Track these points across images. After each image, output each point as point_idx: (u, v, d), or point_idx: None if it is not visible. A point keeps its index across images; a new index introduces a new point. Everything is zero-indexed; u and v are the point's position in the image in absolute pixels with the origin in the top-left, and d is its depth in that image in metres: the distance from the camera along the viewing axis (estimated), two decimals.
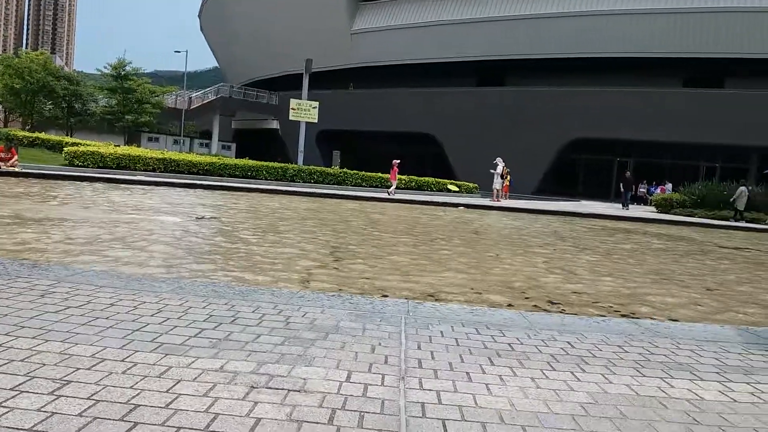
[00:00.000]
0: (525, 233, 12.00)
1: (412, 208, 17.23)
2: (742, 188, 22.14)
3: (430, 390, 2.31)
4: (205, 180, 19.97)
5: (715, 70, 35.27)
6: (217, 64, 71.56)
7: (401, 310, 3.67)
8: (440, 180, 28.12)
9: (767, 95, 32.45)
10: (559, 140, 36.96)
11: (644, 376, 2.73)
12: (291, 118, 28.70)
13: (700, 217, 22.07)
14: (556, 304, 4.96)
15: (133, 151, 22.64)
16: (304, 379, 2.30)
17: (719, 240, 13.99)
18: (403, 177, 23.47)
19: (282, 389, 2.18)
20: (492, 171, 24.18)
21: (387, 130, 43.58)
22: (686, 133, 33.29)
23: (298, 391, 2.18)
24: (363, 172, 24.94)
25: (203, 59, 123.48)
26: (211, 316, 3.12)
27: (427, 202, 19.65)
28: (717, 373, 2.86)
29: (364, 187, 23.91)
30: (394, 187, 22.30)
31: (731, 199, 22.14)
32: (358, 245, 7.86)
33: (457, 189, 27.59)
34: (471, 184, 29.24)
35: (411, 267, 6.34)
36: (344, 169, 25.71)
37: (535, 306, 4.80)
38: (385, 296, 4.64)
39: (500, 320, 3.62)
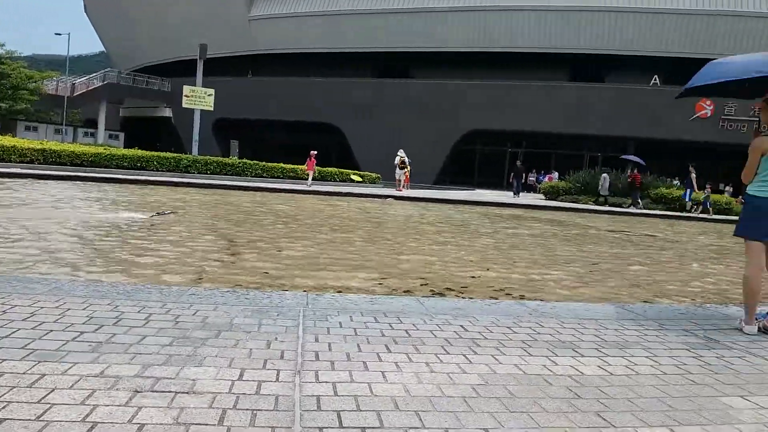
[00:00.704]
0: (423, 221, 12.29)
1: (322, 199, 17.08)
2: (604, 175, 24.17)
3: (326, 382, 2.29)
4: (91, 172, 18.62)
5: (597, 66, 38.02)
6: (103, 48, 66.66)
7: (300, 302, 3.62)
8: (344, 171, 28.05)
9: (640, 90, 35.51)
10: (457, 131, 38.27)
11: (531, 355, 2.88)
12: (184, 105, 27.36)
13: (583, 203, 23.75)
14: (452, 289, 5.12)
15: (7, 141, 20.56)
16: (194, 380, 2.20)
17: (591, 222, 15.12)
18: (304, 167, 23.12)
19: (169, 392, 2.07)
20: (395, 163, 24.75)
21: (289, 120, 42.84)
22: (571, 125, 35.67)
23: (187, 392, 2.08)
24: (264, 163, 24.29)
25: (88, 43, 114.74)
26: (91, 318, 2.91)
27: (340, 193, 19.57)
28: (596, 349, 3.08)
29: (266, 178, 23.35)
30: (310, 178, 22.06)
31: (599, 187, 24.06)
32: (259, 238, 7.67)
33: (360, 179, 27.68)
34: (374, 175, 29.47)
35: (312, 259, 6.28)
36: (244, 160, 24.93)
37: (432, 291, 4.93)
38: (284, 290, 4.56)
39: (398, 307, 3.67)
